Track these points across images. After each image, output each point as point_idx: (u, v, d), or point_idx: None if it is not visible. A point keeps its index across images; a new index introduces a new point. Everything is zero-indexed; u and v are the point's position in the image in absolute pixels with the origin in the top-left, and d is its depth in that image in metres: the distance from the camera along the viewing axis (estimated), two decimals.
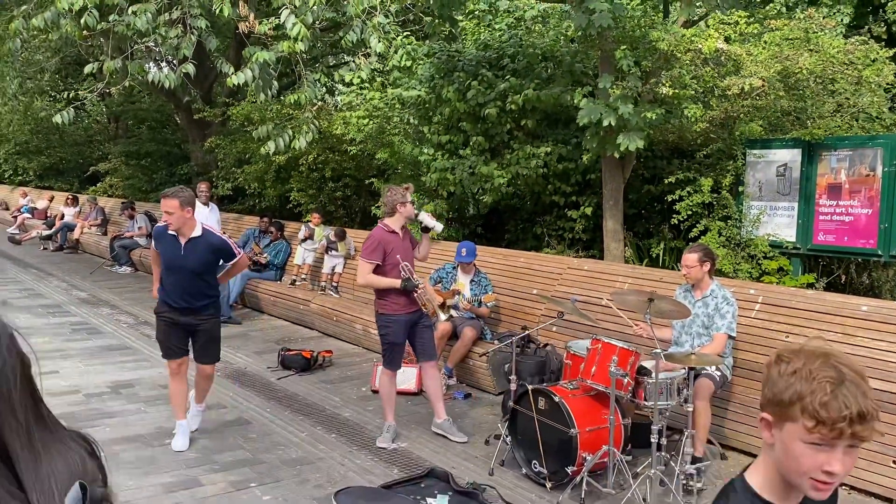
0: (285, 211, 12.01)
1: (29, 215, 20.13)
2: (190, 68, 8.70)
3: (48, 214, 19.55)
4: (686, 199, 6.87)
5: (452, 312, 7.00)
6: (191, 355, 5.29)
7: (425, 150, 8.50)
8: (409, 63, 8.93)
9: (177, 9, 8.75)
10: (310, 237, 9.98)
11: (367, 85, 9.21)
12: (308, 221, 10.26)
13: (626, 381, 4.65)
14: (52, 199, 20.92)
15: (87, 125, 23.44)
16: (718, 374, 5.06)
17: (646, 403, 4.75)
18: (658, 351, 4.36)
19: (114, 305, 10.36)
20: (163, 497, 4.39)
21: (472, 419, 6.08)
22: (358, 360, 7.84)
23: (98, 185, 20.60)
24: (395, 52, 9.00)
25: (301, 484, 4.66)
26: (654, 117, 6.19)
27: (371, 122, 8.96)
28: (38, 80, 17.34)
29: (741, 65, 6.21)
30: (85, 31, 9.30)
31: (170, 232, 5.00)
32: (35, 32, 10.59)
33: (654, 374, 4.60)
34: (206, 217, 9.33)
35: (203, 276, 5.07)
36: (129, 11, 8.45)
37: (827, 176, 6.40)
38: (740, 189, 6.92)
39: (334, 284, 9.64)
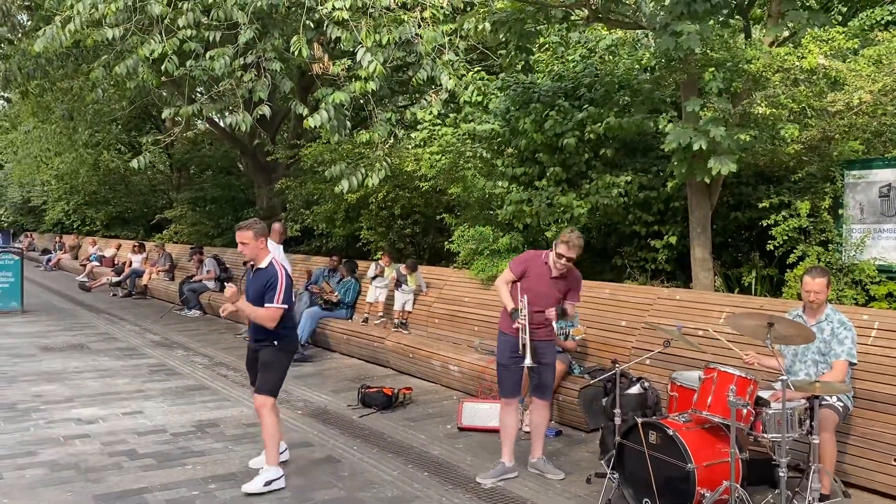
0: (353, 250, 12.00)
1: (97, 263, 20.63)
2: (266, 110, 8.82)
3: (115, 262, 20.00)
4: (781, 223, 6.58)
5: None
6: None
7: (500, 184, 8.39)
8: (479, 98, 8.90)
9: (251, 53, 8.92)
10: (380, 274, 9.91)
11: (438, 122, 9.20)
12: (378, 259, 10.21)
13: (745, 411, 4.37)
14: (118, 247, 21.45)
15: (152, 175, 24.10)
16: (841, 404, 4.74)
17: (764, 436, 4.45)
18: (785, 378, 4.08)
19: (187, 347, 10.41)
20: None
21: (568, 457, 5.82)
22: (437, 398, 7.65)
23: (164, 232, 21.06)
24: (466, 87, 8.98)
25: None
26: (747, 139, 5.98)
27: (444, 158, 8.91)
28: (107, 132, 17.95)
29: (842, 81, 5.97)
30: (163, 78, 9.55)
31: (248, 262, 5.21)
32: (113, 83, 10.94)
33: (774, 404, 4.32)
34: (280, 257, 9.34)
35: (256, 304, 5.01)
36: (207, 56, 8.63)
37: None
38: (840, 212, 6.61)
39: (403, 321, 9.52)
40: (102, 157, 21.60)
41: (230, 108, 9.28)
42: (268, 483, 4.89)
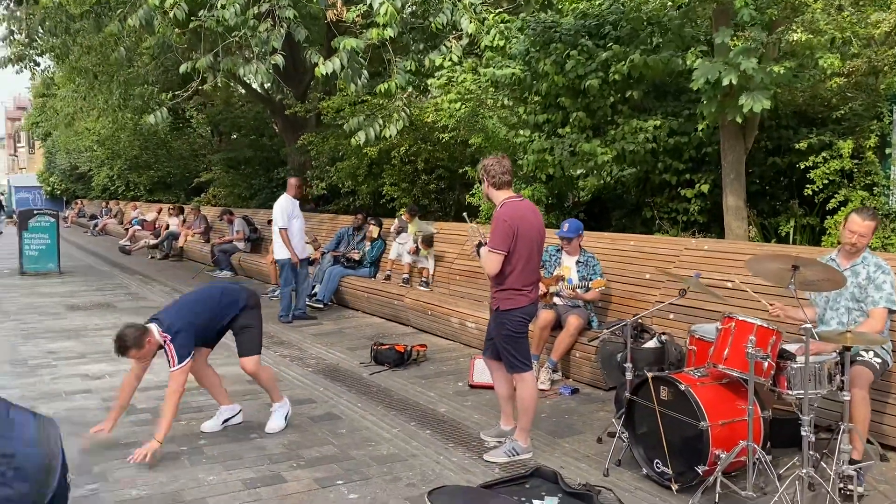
0: (379, 208, 11.70)
1: (139, 227, 20.86)
2: (279, 59, 8.51)
3: (156, 226, 20.17)
4: (821, 166, 6.01)
5: (556, 300, 6.41)
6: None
7: (521, 132, 7.94)
8: (502, 42, 8.41)
9: (265, 1, 8.59)
10: (402, 230, 9.61)
11: (457, 68, 8.74)
12: (401, 216, 9.91)
13: (766, 364, 3.93)
14: (160, 211, 21.64)
15: (193, 139, 24.15)
16: (878, 360, 4.25)
17: (789, 393, 4.01)
18: (808, 326, 3.62)
19: None
20: (242, 493, 4.01)
21: (582, 416, 5.47)
22: (454, 356, 7.35)
23: (202, 195, 21.12)
24: (488, 32, 8.50)
25: (392, 482, 4.20)
26: (782, 71, 5.41)
27: (463, 107, 8.48)
28: (147, 95, 17.88)
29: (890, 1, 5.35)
30: (177, 30, 9.31)
31: None
32: (134, 38, 10.79)
33: (801, 359, 3.87)
34: (295, 213, 9.09)
35: None
36: (218, 5, 8.34)
37: None
38: (887, 152, 5.99)
39: (425, 280, 9.22)
40: (143, 121, 21.66)
41: (246, 59, 9.01)
42: (286, 417, 5.15)
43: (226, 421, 5.16)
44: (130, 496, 3.97)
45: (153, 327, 4.55)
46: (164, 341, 4.50)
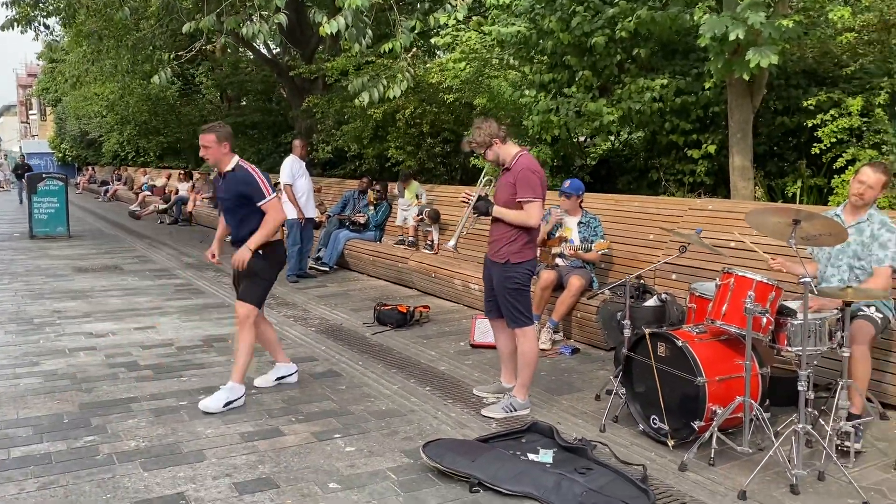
0: (386, 171, 11.64)
1: (149, 192, 20.91)
2: (282, 18, 8.42)
3: (166, 191, 20.21)
4: (829, 124, 5.89)
5: (558, 261, 6.38)
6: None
7: (527, 92, 7.84)
8: (507, 0, 8.26)
9: None
10: (401, 196, 9.60)
11: (463, 27, 8.61)
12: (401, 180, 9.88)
13: (764, 320, 3.89)
14: (169, 176, 21.67)
15: (202, 105, 24.05)
16: (880, 315, 4.20)
17: (789, 349, 3.97)
18: (807, 279, 3.57)
19: (218, 269, 10.33)
20: (240, 446, 4.04)
21: (581, 374, 5.46)
22: (457, 317, 7.35)
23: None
24: None
25: (389, 436, 4.21)
26: (790, 25, 5.29)
27: (468, 66, 8.36)
28: (154, 59, 17.78)
29: None
30: None
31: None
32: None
33: (801, 314, 3.82)
34: (301, 172, 9.09)
35: (236, 211, 4.75)
36: None
37: None
38: None
39: (431, 242, 9.21)
40: (152, 86, 21.58)
41: (249, 18, 8.90)
42: (228, 403, 4.58)
43: (279, 379, 5.11)
44: (129, 448, 4.01)
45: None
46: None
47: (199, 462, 3.82)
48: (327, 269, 9.91)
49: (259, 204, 4.67)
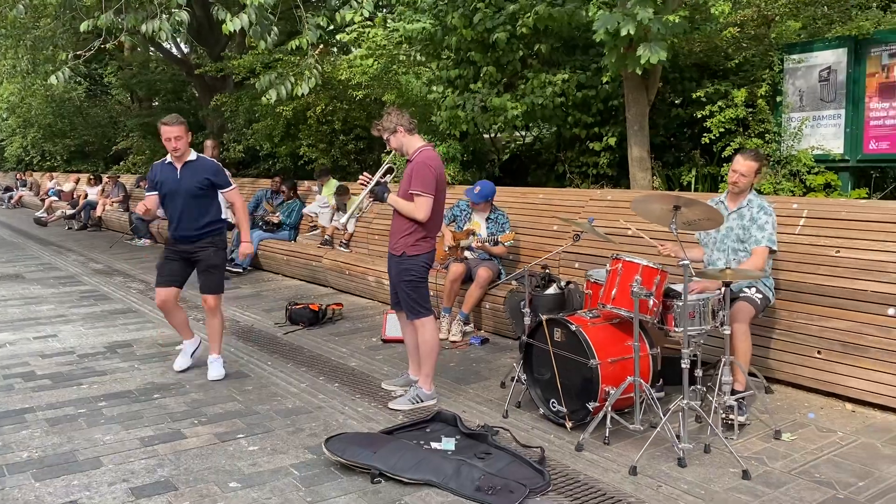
0: (299, 170, 11.54)
1: (56, 198, 20.08)
2: (184, 16, 8.23)
3: (74, 196, 19.46)
4: (717, 115, 6.19)
5: (467, 254, 6.48)
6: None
7: (434, 88, 7.91)
8: None
9: None
10: (318, 193, 9.55)
11: (369, 24, 8.62)
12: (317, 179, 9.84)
13: (651, 302, 4.07)
14: (77, 181, 20.85)
15: (110, 106, 23.23)
16: (759, 296, 4.45)
17: (676, 329, 4.18)
18: (686, 262, 3.76)
19: (127, 274, 10.06)
20: (139, 451, 3.97)
21: (489, 364, 5.58)
22: (370, 313, 7.38)
23: (122, 164, 20.42)
24: None
25: (294, 433, 4.21)
26: (676, 20, 5.53)
27: (375, 63, 8.38)
28: (55, 60, 17.08)
29: None
30: None
31: (166, 162, 5.12)
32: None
33: (690, 297, 4.01)
34: None
35: (200, 200, 5.11)
36: None
37: (878, 75, 5.67)
38: (778, 100, 6.21)
39: (345, 241, 9.19)
40: (54, 87, 20.71)
41: (149, 15, 8.67)
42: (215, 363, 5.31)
43: (193, 353, 5.55)
44: (21, 459, 3.88)
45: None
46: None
47: (94, 469, 3.74)
48: (241, 269, 9.77)
49: (224, 191, 5.21)
